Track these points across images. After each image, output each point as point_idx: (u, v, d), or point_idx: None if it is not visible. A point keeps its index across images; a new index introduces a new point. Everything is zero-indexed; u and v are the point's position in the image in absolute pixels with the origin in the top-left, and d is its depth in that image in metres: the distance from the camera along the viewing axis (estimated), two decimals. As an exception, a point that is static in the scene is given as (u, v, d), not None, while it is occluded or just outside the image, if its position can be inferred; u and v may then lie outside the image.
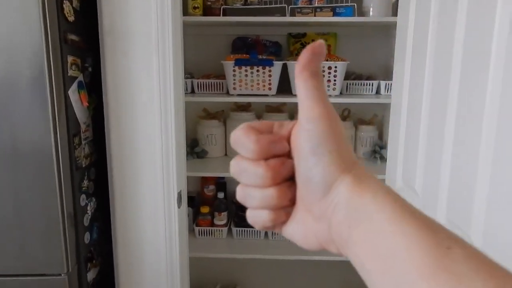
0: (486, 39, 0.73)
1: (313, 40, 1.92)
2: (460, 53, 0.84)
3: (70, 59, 1.28)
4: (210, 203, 2.03)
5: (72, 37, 1.29)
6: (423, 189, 1.02)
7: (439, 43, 0.95)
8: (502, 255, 0.67)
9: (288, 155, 0.32)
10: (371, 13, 1.71)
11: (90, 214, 1.42)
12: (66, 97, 1.26)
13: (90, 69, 1.42)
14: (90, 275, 1.44)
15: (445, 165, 0.90)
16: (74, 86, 1.31)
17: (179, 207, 1.39)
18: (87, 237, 1.41)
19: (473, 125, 0.77)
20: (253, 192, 0.32)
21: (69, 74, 1.27)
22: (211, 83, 1.84)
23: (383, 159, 1.83)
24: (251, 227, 1.95)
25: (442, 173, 0.91)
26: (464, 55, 0.82)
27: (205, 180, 2.08)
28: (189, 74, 1.91)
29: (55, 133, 1.21)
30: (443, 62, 0.91)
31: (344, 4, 1.71)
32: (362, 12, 1.74)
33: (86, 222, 1.40)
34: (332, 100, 1.73)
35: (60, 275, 1.29)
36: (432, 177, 0.96)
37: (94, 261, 1.47)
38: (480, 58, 0.75)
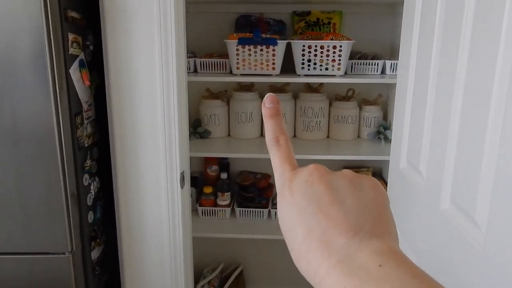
0: (496, 18, 0.70)
1: (317, 19, 1.89)
2: (469, 32, 0.81)
3: (71, 36, 1.26)
4: (213, 183, 2.03)
5: (73, 14, 1.27)
6: (428, 170, 1.01)
7: (448, 22, 0.92)
8: (506, 239, 0.67)
9: None
10: (377, -9, 1.67)
11: (93, 193, 1.42)
12: (67, 76, 1.25)
13: (91, 47, 1.40)
14: (94, 254, 1.46)
15: (451, 147, 0.88)
16: (75, 64, 1.29)
17: (182, 187, 1.39)
18: (90, 217, 1.41)
19: (480, 107, 0.76)
20: None
21: (70, 52, 1.26)
22: (214, 62, 1.81)
23: (387, 140, 1.82)
24: (254, 207, 1.96)
25: (447, 154, 0.90)
26: (473, 35, 0.80)
27: (208, 161, 2.08)
28: (192, 53, 1.89)
29: (57, 112, 1.21)
30: (451, 42, 0.89)
31: (350, -19, 1.67)
32: (368, -10, 1.71)
33: (89, 201, 1.40)
34: (337, 80, 1.71)
35: (64, 253, 1.30)
36: (437, 158, 0.94)
37: (98, 240, 1.48)
38: (490, 38, 0.72)
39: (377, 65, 1.78)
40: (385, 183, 1.79)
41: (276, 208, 1.95)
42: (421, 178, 1.05)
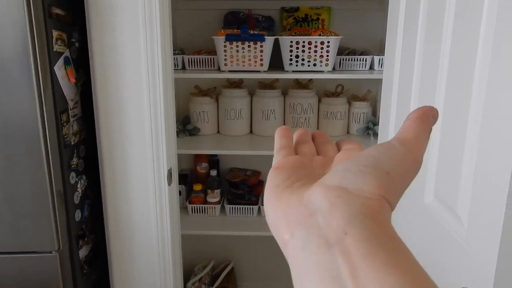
0: (475, 14, 0.70)
1: (306, 15, 1.89)
2: (450, 28, 0.82)
3: (55, 34, 1.25)
4: (203, 180, 2.03)
5: (57, 11, 1.26)
6: (413, 165, 1.01)
7: (430, 19, 0.92)
8: (487, 232, 0.67)
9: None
10: (365, -14, 1.67)
11: (80, 192, 1.41)
12: (52, 73, 1.24)
13: (77, 44, 1.39)
14: (82, 252, 1.45)
15: (434, 142, 0.89)
16: (60, 61, 1.28)
17: (169, 184, 1.38)
18: (78, 215, 1.40)
19: (461, 102, 0.76)
20: None
21: (54, 49, 1.24)
22: (202, 59, 1.80)
23: (376, 135, 1.82)
24: (244, 204, 1.96)
25: (430, 149, 0.90)
26: (454, 30, 0.80)
27: (198, 158, 2.07)
28: (180, 50, 1.88)
29: (41, 110, 1.19)
30: (433, 38, 0.89)
31: (337, -23, 1.67)
32: (356, -15, 1.70)
33: (76, 199, 1.39)
34: (325, 75, 1.71)
35: (51, 252, 1.29)
36: (421, 153, 0.95)
37: (86, 239, 1.47)
38: (470, 33, 0.73)
39: (365, 60, 1.79)
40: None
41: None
42: (407, 173, 1.05)
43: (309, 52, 1.69)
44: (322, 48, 1.68)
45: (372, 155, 0.26)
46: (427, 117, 0.29)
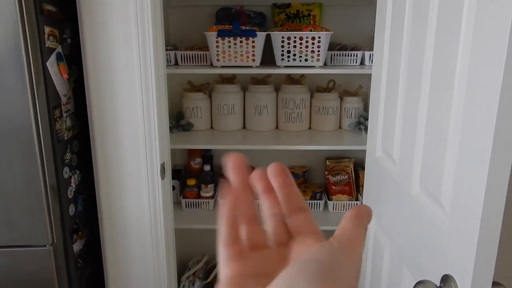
0: (457, 11, 0.72)
1: (297, 11, 1.90)
2: (434, 24, 0.84)
3: (47, 30, 1.26)
4: (197, 175, 2.04)
5: (48, 7, 1.27)
6: (400, 157, 1.03)
7: (415, 14, 0.94)
8: (467, 219, 0.70)
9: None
10: (355, -18, 1.69)
11: (74, 186, 1.43)
12: (45, 69, 1.25)
13: (69, 40, 1.40)
14: (76, 246, 1.46)
15: (419, 135, 0.91)
16: (53, 57, 1.29)
17: (162, 178, 1.40)
18: (71, 209, 1.42)
19: (444, 97, 0.78)
20: None
21: (46, 45, 1.25)
22: (195, 54, 1.82)
23: (367, 130, 1.84)
24: (237, 198, 1.97)
25: (416, 142, 0.93)
26: (437, 26, 0.82)
27: (191, 153, 2.08)
28: (173, 46, 1.89)
29: (34, 106, 1.21)
30: (418, 35, 0.91)
31: (328, -27, 1.69)
32: (346, -19, 1.72)
33: (70, 194, 1.40)
34: (316, 70, 1.73)
35: (45, 246, 1.31)
36: (408, 146, 0.97)
37: (80, 233, 1.49)
38: (451, 29, 0.75)
39: (356, 56, 1.81)
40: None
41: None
42: (395, 165, 1.07)
43: (301, 48, 1.71)
44: (313, 44, 1.70)
45: (316, 261, 0.27)
46: (362, 216, 0.31)
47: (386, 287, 1.13)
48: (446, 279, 0.75)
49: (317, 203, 1.97)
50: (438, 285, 0.76)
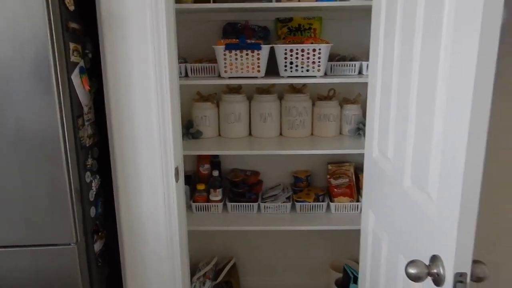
0: (437, 27, 0.84)
1: (299, 24, 2.03)
2: (419, 38, 0.95)
3: (71, 46, 1.38)
4: (206, 181, 2.16)
5: (73, 25, 1.39)
6: (394, 156, 1.14)
7: (404, 29, 1.06)
8: (451, 207, 0.80)
9: None
10: (352, -2, 1.82)
11: (95, 190, 1.54)
12: (69, 82, 1.37)
13: (90, 55, 1.52)
14: (97, 246, 1.57)
15: (410, 137, 1.02)
16: (76, 71, 1.41)
17: (176, 181, 1.51)
18: (92, 211, 1.53)
19: (428, 103, 0.90)
20: None
21: (71, 60, 1.38)
22: (204, 67, 1.95)
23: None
24: (245, 202, 2.09)
25: (407, 142, 1.04)
26: (423, 38, 0.94)
27: (200, 160, 2.20)
28: (183, 59, 2.02)
29: (61, 115, 1.33)
30: (407, 47, 1.03)
31: (327, -10, 1.82)
32: (344, -3, 1.86)
33: (91, 197, 1.52)
34: (317, 80, 1.85)
35: (69, 244, 1.41)
36: (400, 147, 1.08)
37: (99, 234, 1.60)
38: (434, 41, 0.86)
39: (355, 66, 1.93)
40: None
41: (265, 202, 2.09)
42: (389, 163, 1.19)
43: (302, 59, 1.83)
44: (314, 55, 1.82)
45: None
46: None
47: (385, 275, 1.24)
48: (434, 258, 0.85)
49: (320, 205, 2.08)
50: (427, 264, 0.87)
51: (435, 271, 0.84)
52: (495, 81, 0.72)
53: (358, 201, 2.07)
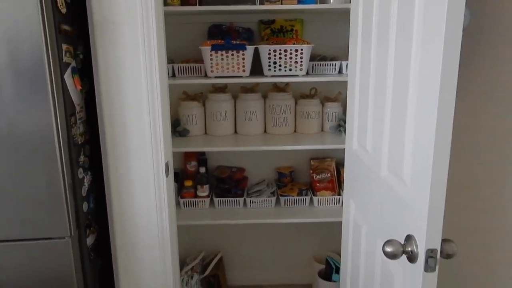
0: (409, 25, 0.94)
1: (281, 26, 2.12)
2: (393, 38, 1.05)
3: (64, 47, 1.44)
4: (193, 177, 2.22)
5: (65, 27, 1.45)
6: (372, 148, 1.24)
7: (380, 30, 1.16)
8: (422, 190, 0.89)
9: None
10: (331, 0, 1.91)
11: (87, 186, 1.59)
12: (62, 81, 1.42)
13: (81, 56, 1.57)
14: (89, 240, 1.62)
15: (386, 130, 1.12)
16: (69, 71, 1.46)
17: (167, 176, 1.57)
18: (85, 206, 1.58)
19: (402, 99, 0.99)
20: None
21: (64, 61, 1.43)
22: (190, 67, 2.01)
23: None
24: (231, 197, 2.16)
25: (384, 135, 1.13)
26: (396, 39, 1.03)
27: (187, 157, 2.27)
28: (170, 59, 2.08)
29: (55, 113, 1.38)
30: (382, 47, 1.12)
31: (307, -7, 1.92)
32: (324, 0, 1.95)
33: (83, 192, 1.57)
34: (299, 79, 1.94)
35: (64, 238, 1.46)
36: (377, 139, 1.18)
37: (91, 228, 1.65)
38: (406, 42, 0.96)
39: (335, 65, 2.03)
40: (346, 169, 2.02)
41: (250, 197, 2.17)
42: (368, 155, 1.28)
43: (285, 59, 1.92)
44: (296, 55, 1.91)
45: None
46: None
47: (364, 258, 1.33)
48: (408, 238, 0.95)
49: (303, 199, 2.17)
50: (402, 243, 0.96)
51: (409, 249, 0.93)
52: (470, 81, 0.81)
53: (339, 194, 2.17)
